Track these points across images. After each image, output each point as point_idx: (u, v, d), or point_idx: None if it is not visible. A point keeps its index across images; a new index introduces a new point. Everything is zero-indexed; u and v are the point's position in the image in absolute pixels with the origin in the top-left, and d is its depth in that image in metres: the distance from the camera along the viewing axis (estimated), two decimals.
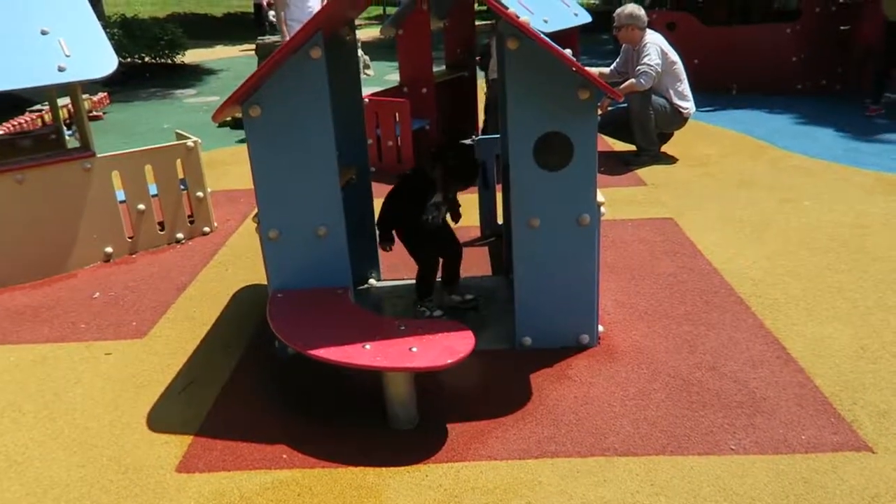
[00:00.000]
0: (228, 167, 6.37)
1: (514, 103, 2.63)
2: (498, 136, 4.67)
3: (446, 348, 2.40)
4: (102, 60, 3.87)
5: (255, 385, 2.88)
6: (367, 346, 2.42)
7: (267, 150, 2.70)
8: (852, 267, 3.67)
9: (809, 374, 2.72)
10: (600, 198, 2.77)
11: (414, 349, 2.39)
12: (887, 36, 6.96)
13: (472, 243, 4.29)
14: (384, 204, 3.21)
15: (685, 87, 5.70)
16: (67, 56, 3.76)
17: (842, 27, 8.06)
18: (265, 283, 2.97)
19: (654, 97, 5.57)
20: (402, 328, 2.54)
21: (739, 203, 4.74)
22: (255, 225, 2.86)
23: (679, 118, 5.73)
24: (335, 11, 2.62)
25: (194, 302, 3.69)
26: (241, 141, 7.31)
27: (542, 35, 2.40)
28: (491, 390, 2.73)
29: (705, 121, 7.21)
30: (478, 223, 4.42)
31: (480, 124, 6.84)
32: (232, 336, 3.29)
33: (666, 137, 5.95)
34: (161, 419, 2.69)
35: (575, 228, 2.78)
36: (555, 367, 2.86)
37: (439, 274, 3.34)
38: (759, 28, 8.80)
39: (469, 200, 4.95)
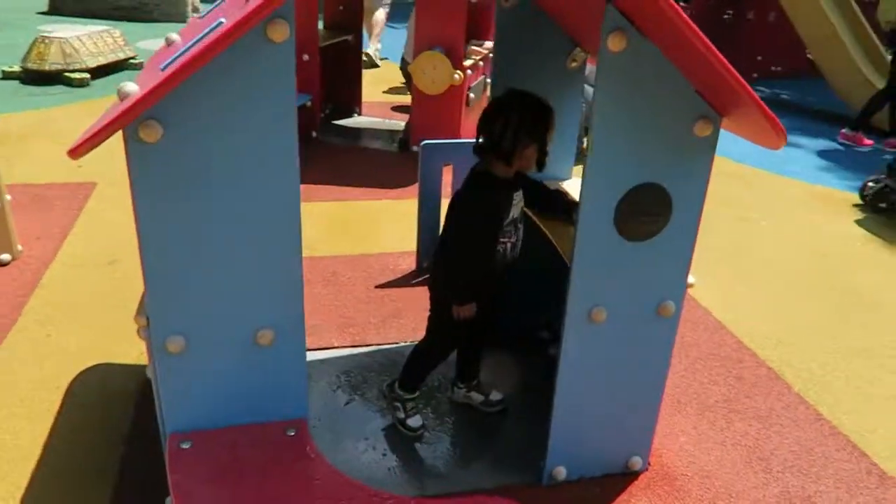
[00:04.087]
0: (25, 145, 4.60)
1: (599, 137, 1.64)
2: (450, 141, 3.63)
3: None
4: None
5: None
6: None
7: (170, 198, 1.46)
8: (860, 318, 3.20)
9: None
10: (690, 278, 1.90)
11: None
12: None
13: (406, 281, 3.24)
14: (441, 257, 2.10)
15: None
16: None
17: (726, 14, 7.91)
18: (121, 361, 1.77)
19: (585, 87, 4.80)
20: None
21: None
22: (138, 326, 1.62)
23: None
24: None
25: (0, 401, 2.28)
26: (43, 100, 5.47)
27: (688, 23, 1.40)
28: None
29: None
30: (413, 248, 3.37)
31: None
32: (86, 472, 2.00)
33: (586, 133, 5.25)
34: None
35: (652, 321, 1.89)
36: None
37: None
38: None
39: (400, 214, 3.92)
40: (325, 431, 2.20)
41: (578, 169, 2.56)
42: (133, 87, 1.34)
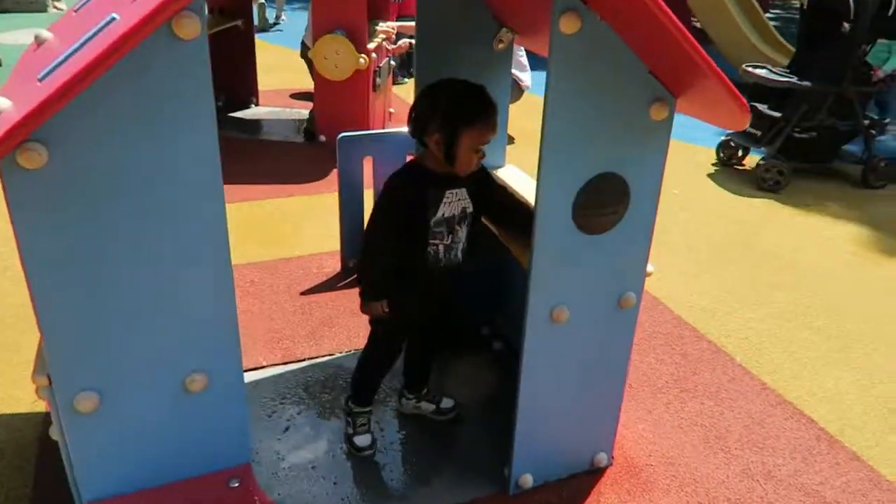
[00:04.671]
0: None
1: (554, 127, 1.51)
2: (369, 132, 3.41)
3: None
4: None
5: None
6: None
7: (63, 231, 1.20)
8: (783, 281, 3.29)
9: (874, 467, 2.15)
10: (649, 266, 1.81)
11: None
12: None
13: (333, 284, 3.03)
14: (366, 239, 1.88)
15: (524, 56, 4.92)
16: None
17: None
18: (11, 410, 1.55)
19: None
20: None
21: None
22: (37, 386, 1.35)
23: (516, 91, 4.94)
24: None
25: None
26: None
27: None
28: None
29: None
30: (336, 247, 3.16)
31: None
32: None
33: None
34: None
35: (613, 314, 1.80)
36: None
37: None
38: None
39: (316, 210, 3.66)
40: (267, 466, 1.99)
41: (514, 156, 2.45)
42: (4, 102, 1.08)
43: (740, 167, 4.92)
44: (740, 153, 4.91)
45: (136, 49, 1.04)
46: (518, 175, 2.37)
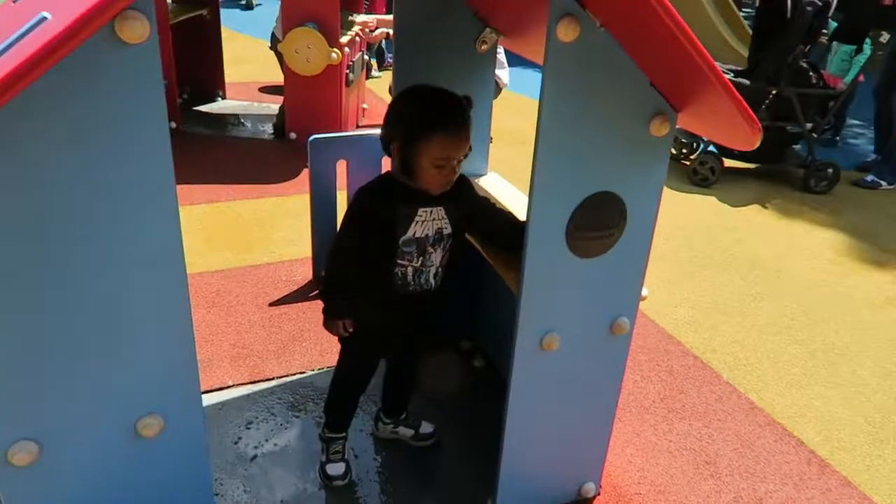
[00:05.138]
0: None
1: (548, 143, 1.38)
2: (342, 134, 3.24)
3: None
4: None
5: None
6: None
7: None
8: (765, 290, 3.22)
9: (866, 493, 2.08)
10: (644, 290, 1.70)
11: None
12: None
13: (304, 294, 2.87)
14: (330, 253, 1.72)
15: (502, 53, 4.78)
16: None
17: None
18: None
19: None
20: None
21: None
22: None
23: (495, 90, 4.80)
24: None
25: None
26: None
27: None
28: None
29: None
30: (307, 254, 3.01)
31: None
32: None
33: None
34: None
35: (605, 340, 1.68)
36: None
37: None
38: None
39: (287, 213, 3.48)
40: (232, 502, 1.84)
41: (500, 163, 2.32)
42: None
43: (687, 162, 4.91)
44: (688, 148, 4.91)
45: (72, 55, 0.88)
46: (501, 185, 2.24)
